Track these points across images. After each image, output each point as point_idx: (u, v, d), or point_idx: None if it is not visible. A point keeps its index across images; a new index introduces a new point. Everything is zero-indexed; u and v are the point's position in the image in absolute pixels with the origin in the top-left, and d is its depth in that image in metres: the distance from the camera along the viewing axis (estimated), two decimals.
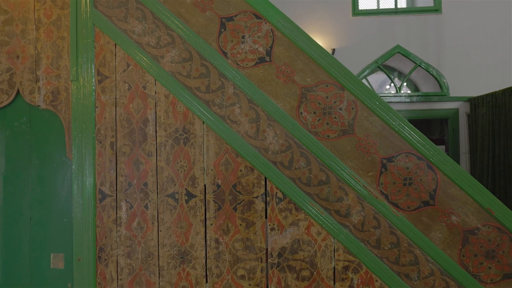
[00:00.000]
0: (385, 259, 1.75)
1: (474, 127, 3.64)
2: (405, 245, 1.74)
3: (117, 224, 1.86)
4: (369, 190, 1.75)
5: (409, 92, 4.06)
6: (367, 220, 1.76)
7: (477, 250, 1.73)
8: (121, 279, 1.86)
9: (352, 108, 1.77)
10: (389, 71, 4.58)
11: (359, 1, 4.00)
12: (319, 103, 1.78)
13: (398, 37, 3.88)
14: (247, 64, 1.81)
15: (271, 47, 1.80)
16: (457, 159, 3.85)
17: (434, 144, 1.77)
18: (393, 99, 3.89)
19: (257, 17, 1.82)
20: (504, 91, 3.19)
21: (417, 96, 3.87)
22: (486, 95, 3.45)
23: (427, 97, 3.85)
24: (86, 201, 1.85)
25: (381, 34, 3.90)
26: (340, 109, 1.77)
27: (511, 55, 3.39)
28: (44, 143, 1.94)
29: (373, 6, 4.69)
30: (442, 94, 3.83)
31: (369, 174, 1.76)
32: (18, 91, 1.92)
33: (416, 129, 1.77)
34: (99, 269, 1.87)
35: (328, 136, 1.77)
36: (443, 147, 3.98)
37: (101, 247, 1.86)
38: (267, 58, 1.80)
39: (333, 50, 3.91)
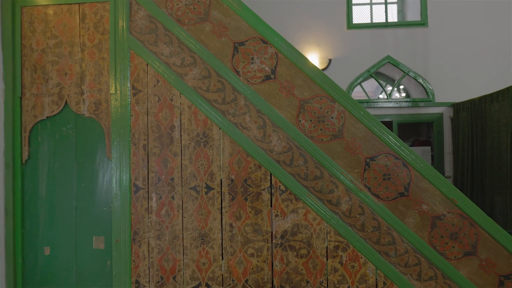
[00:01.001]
0: (368, 240, 2.12)
1: (457, 130, 4.00)
2: (384, 228, 2.12)
3: (148, 212, 2.24)
4: (355, 184, 2.12)
5: (398, 97, 4.42)
6: (354, 208, 2.13)
7: (443, 232, 2.10)
8: (151, 257, 2.24)
9: (341, 117, 2.14)
10: (383, 78, 4.95)
11: (353, 15, 4.36)
12: (314, 112, 2.15)
13: (388, 48, 4.24)
14: (255, 81, 2.18)
15: (275, 67, 2.18)
16: (441, 158, 4.21)
17: (408, 146, 2.14)
18: (385, 105, 4.25)
19: (264, 42, 2.19)
20: (480, 98, 3.54)
21: (406, 101, 4.23)
22: (466, 101, 3.80)
23: (414, 103, 4.20)
24: (123, 193, 2.23)
25: (373, 45, 4.26)
26: (332, 117, 2.15)
27: (488, 66, 3.74)
28: (87, 145, 2.32)
29: (367, 18, 5.06)
30: (428, 100, 4.19)
31: (355, 171, 2.13)
32: (66, 102, 2.30)
33: (394, 134, 2.15)
34: (134, 249, 2.24)
35: (322, 139, 2.15)
36: (429, 147, 4.33)
37: (135, 230, 2.24)
38: (272, 76, 2.18)
39: (330, 60, 4.27)
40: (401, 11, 5.04)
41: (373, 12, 4.84)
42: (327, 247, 2.15)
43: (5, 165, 2.29)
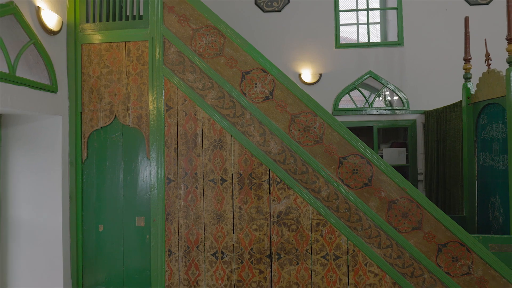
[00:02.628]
0: (341, 218, 2.82)
1: (427, 134, 4.66)
2: (353, 209, 2.81)
3: (178, 198, 2.94)
4: (332, 177, 2.82)
5: (379, 106, 5.08)
6: (331, 195, 2.83)
7: (397, 212, 2.79)
8: (180, 232, 2.94)
9: (322, 127, 2.84)
10: (369, 88, 5.62)
11: (340, 37, 5.03)
12: (301, 124, 2.85)
13: (370, 64, 4.91)
14: (258, 100, 2.88)
15: (272, 90, 2.88)
16: (415, 158, 4.89)
17: (371, 148, 2.84)
18: (368, 112, 4.92)
19: (264, 71, 2.89)
20: (443, 108, 4.21)
21: (385, 109, 4.91)
22: (433, 110, 4.46)
23: (392, 110, 4.88)
24: (159, 184, 2.93)
25: (357, 62, 4.93)
26: (314, 128, 2.84)
27: (453, 80, 4.39)
28: (131, 148, 3.02)
29: (353, 35, 5.74)
30: (403, 108, 4.86)
31: (332, 167, 2.83)
32: (115, 116, 3.00)
33: (360, 140, 2.84)
34: (167, 226, 2.95)
35: (307, 144, 2.84)
36: (405, 149, 5.00)
37: (168, 212, 2.94)
38: (270, 97, 2.88)
39: (321, 74, 4.94)
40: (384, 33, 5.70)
41: (359, 31, 5.52)
42: (311, 223, 2.84)
43: (69, 163, 3.00)
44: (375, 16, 5.53)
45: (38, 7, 2.62)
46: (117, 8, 3.05)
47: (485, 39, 3.35)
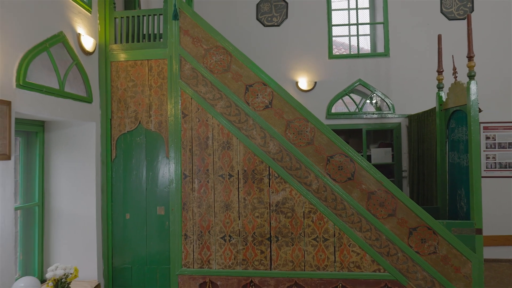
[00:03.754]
0: (329, 207, 3.34)
1: (410, 136, 5.17)
2: (339, 199, 3.33)
3: (192, 190, 3.47)
4: (321, 172, 3.34)
5: (368, 110, 5.59)
6: (320, 188, 3.35)
7: (375, 202, 3.31)
8: (194, 219, 3.47)
9: (312, 131, 3.37)
10: (360, 93, 6.13)
11: (333, 49, 5.55)
12: (295, 128, 3.38)
13: (359, 73, 5.41)
14: (259, 109, 3.41)
15: (271, 100, 3.41)
16: (400, 157, 5.39)
17: (353, 149, 3.36)
18: (358, 116, 5.43)
19: (264, 84, 3.42)
20: (423, 112, 4.71)
21: (373, 113, 5.41)
22: (415, 114, 4.97)
23: (379, 114, 5.38)
24: (177, 179, 3.46)
25: (348, 71, 5.43)
26: (306, 131, 3.37)
27: (433, 87, 4.90)
28: (153, 149, 3.55)
29: (345, 47, 6.25)
30: (390, 112, 5.37)
31: (321, 164, 3.35)
32: (139, 122, 3.53)
33: (345, 142, 3.36)
34: (183, 214, 3.48)
35: (300, 145, 3.37)
36: (390, 148, 5.50)
37: (184, 202, 3.48)
38: (269, 106, 3.41)
39: (315, 82, 5.45)
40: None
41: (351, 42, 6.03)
42: (304, 211, 3.37)
43: (101, 162, 3.53)
44: (366, 28, 6.04)
45: (79, 34, 3.16)
46: (141, 31, 3.58)
47: (452, 56, 3.87)
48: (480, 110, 4.98)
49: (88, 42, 3.27)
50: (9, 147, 2.22)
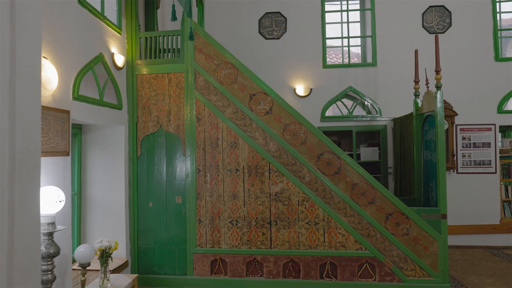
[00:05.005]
0: (319, 196, 3.96)
1: (394, 136, 5.79)
2: (327, 190, 3.96)
3: (205, 182, 4.10)
4: (313, 167, 3.97)
5: (358, 114, 6.21)
6: (312, 180, 3.98)
7: (358, 192, 3.94)
8: (206, 207, 4.10)
9: (305, 133, 3.99)
10: (351, 98, 6.74)
11: (327, 59, 6.17)
12: (291, 131, 4.01)
13: (350, 81, 6.03)
14: (261, 114, 4.04)
15: (271, 107, 4.03)
16: (386, 155, 6.00)
17: (339, 148, 3.98)
18: (348, 119, 6.04)
19: (265, 94, 4.04)
20: (405, 116, 5.32)
21: (363, 116, 6.03)
22: (398, 117, 5.59)
23: (368, 117, 6.00)
24: (192, 173, 4.10)
25: (340, 79, 6.05)
26: (300, 133, 4.00)
27: (411, 94, 5.50)
28: (171, 148, 4.19)
29: (338, 57, 6.86)
30: (377, 116, 5.98)
31: (312, 161, 3.98)
32: (161, 125, 4.17)
33: (332, 142, 3.99)
34: (197, 202, 4.11)
35: (295, 145, 4.00)
36: (377, 148, 6.12)
37: (198, 192, 4.11)
38: (270, 112, 4.03)
39: (311, 89, 6.06)
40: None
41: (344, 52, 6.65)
42: (298, 200, 4.00)
43: (128, 158, 4.17)
44: (357, 40, 6.64)
45: (112, 53, 3.80)
46: (162, 49, 4.22)
47: (425, 69, 4.49)
48: (456, 114, 5.60)
49: (119, 59, 3.91)
50: (68, 146, 2.86)
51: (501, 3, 5.95)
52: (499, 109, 5.81)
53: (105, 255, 3.00)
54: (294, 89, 6.13)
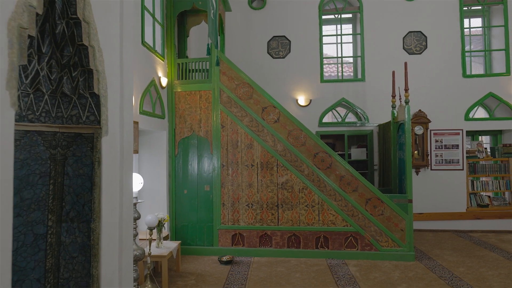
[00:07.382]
0: (315, 185, 5.10)
1: (379, 139, 6.90)
2: (322, 180, 5.09)
3: (227, 175, 5.25)
4: (310, 163, 5.11)
5: (350, 121, 7.33)
6: (310, 173, 5.11)
7: (345, 182, 5.06)
8: (229, 193, 5.25)
9: (305, 137, 5.13)
10: (345, 107, 7.86)
11: (324, 74, 7.31)
12: (294, 135, 5.15)
13: (343, 93, 7.13)
14: (271, 123, 5.18)
15: (279, 117, 5.18)
16: (372, 155, 7.09)
17: (332, 149, 5.12)
18: (342, 125, 7.16)
19: (274, 107, 5.19)
20: (386, 123, 6.43)
21: (354, 123, 7.14)
22: (382, 124, 6.71)
23: (358, 123, 7.11)
24: (218, 167, 5.25)
25: (334, 92, 7.16)
26: (301, 137, 5.13)
27: (396, 104, 6.65)
28: (202, 148, 5.34)
29: (334, 72, 7.99)
30: (365, 122, 7.09)
31: (310, 158, 5.11)
32: (193, 131, 5.33)
33: (325, 144, 5.12)
34: (222, 190, 5.26)
35: (297, 146, 5.14)
36: (365, 148, 7.24)
37: (222, 182, 5.26)
38: (277, 121, 5.18)
39: (311, 100, 7.18)
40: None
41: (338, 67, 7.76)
42: (299, 188, 5.13)
43: (169, 156, 5.33)
44: (350, 58, 7.77)
45: (159, 77, 4.97)
46: (195, 72, 5.39)
47: (398, 87, 5.62)
48: (429, 121, 6.71)
49: (164, 81, 5.07)
50: (137, 146, 4.02)
51: (470, 29, 7.06)
52: (466, 117, 6.91)
53: (161, 224, 4.16)
54: (297, 100, 7.26)
